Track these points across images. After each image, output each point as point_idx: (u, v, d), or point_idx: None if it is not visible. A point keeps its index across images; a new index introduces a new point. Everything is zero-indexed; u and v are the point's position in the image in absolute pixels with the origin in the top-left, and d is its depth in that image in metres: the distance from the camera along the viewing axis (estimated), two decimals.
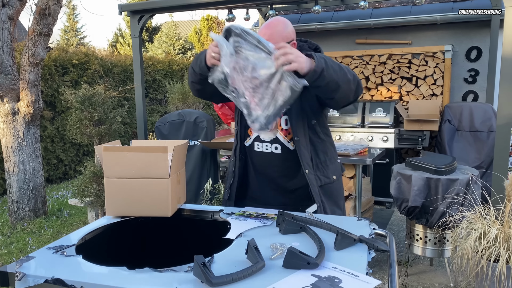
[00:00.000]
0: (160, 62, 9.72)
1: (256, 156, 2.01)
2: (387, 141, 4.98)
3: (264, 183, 2.04)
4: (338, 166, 2.07)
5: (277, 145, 1.96)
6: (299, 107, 1.90)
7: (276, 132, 1.95)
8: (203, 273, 1.08)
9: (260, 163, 2.02)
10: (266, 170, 2.01)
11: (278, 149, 1.96)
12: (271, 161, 1.99)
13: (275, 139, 1.96)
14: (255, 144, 2.00)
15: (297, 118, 1.91)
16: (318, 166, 1.95)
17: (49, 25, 4.56)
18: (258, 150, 2.00)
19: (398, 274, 1.25)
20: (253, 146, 2.01)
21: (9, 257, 3.90)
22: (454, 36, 5.48)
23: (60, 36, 22.32)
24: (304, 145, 1.91)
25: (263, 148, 1.99)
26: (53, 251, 1.33)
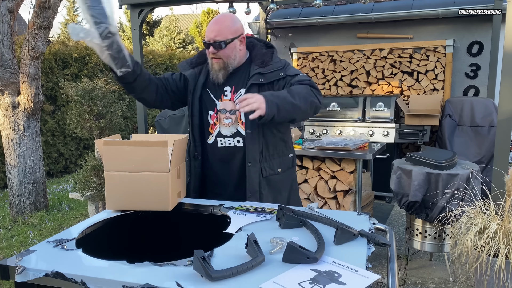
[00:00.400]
0: (160, 56, 9.70)
1: (220, 152, 2.05)
2: (387, 136, 4.98)
3: (227, 177, 2.07)
4: (287, 160, 2.13)
5: (239, 138, 2.02)
6: None
7: (236, 126, 2.01)
8: (203, 267, 1.08)
9: (224, 158, 2.06)
10: (229, 164, 2.05)
11: (240, 142, 2.02)
12: (232, 155, 2.04)
13: (236, 133, 2.02)
14: (218, 140, 2.04)
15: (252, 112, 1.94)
16: (266, 158, 2.02)
17: (49, 19, 4.54)
18: (222, 146, 2.04)
19: (397, 268, 1.26)
20: (216, 143, 2.05)
21: (10, 250, 3.92)
22: (456, 30, 5.46)
23: (60, 30, 22.24)
24: (254, 139, 1.97)
25: (226, 143, 2.03)
26: (53, 245, 1.34)
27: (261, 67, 1.99)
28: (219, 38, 1.91)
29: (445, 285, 3.11)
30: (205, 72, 2.08)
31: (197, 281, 1.08)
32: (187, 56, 11.11)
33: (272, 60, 2.02)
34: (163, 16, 22.21)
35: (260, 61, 2.01)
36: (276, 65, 2.01)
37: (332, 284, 1.07)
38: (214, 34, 1.92)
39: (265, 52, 2.04)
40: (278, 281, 1.09)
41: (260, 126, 1.97)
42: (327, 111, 5.32)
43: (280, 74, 1.99)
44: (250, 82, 1.98)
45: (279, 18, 6.18)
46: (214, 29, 1.92)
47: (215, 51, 1.93)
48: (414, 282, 3.16)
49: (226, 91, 2.04)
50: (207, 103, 2.06)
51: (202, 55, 2.13)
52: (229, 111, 2.02)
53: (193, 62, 2.13)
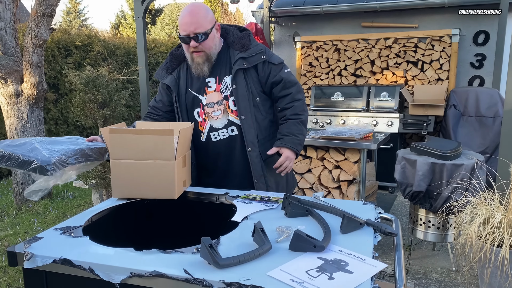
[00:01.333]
0: (163, 45, 9.65)
1: (216, 146, 2.03)
2: (391, 126, 4.96)
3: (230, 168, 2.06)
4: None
5: (233, 127, 2.00)
6: (244, 87, 1.96)
7: (227, 116, 1.99)
8: (210, 255, 1.08)
9: (222, 151, 2.03)
10: (224, 157, 2.04)
11: (234, 131, 2.00)
12: (229, 145, 2.02)
13: (229, 122, 2.00)
14: (211, 135, 2.02)
15: (243, 98, 1.96)
16: (262, 142, 2.03)
17: (52, 6, 4.51)
18: (216, 139, 2.02)
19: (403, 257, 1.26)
20: (210, 139, 2.02)
21: (15, 237, 3.94)
22: (462, 19, 5.40)
23: (62, 18, 22.14)
24: (249, 124, 1.97)
25: (220, 136, 2.01)
26: (60, 232, 1.34)
27: (242, 51, 1.97)
28: (200, 30, 1.87)
29: (448, 274, 3.12)
30: (184, 73, 2.06)
31: (205, 269, 1.09)
32: None
33: (251, 42, 2.00)
34: (165, 5, 22.07)
35: (240, 45, 1.98)
36: (256, 48, 1.99)
37: (339, 273, 1.07)
38: (194, 27, 1.86)
39: (241, 36, 2.01)
40: (286, 269, 1.09)
41: (251, 110, 1.98)
42: (331, 100, 5.30)
43: (262, 57, 1.97)
44: (235, 67, 1.95)
45: (283, 6, 6.12)
46: (192, 21, 1.86)
47: (196, 45, 1.88)
48: (417, 271, 3.17)
49: (209, 82, 2.01)
50: (192, 102, 2.04)
51: (174, 57, 2.09)
52: (216, 102, 1.99)
53: (168, 67, 2.09)
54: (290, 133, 1.97)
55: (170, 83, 2.05)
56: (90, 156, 1.75)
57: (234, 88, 1.96)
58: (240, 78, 1.97)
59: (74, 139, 1.87)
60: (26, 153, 1.61)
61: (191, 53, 1.93)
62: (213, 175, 2.10)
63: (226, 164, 2.06)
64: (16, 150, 1.62)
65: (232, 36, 2.02)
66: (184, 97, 2.05)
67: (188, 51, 1.94)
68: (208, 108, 2.01)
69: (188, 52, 1.95)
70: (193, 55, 1.94)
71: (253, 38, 2.03)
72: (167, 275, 1.06)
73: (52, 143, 1.72)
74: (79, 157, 1.69)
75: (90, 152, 1.76)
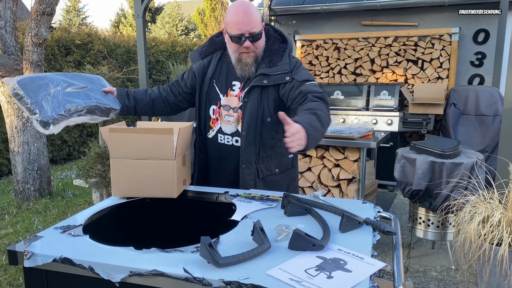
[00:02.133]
0: (163, 43, 9.65)
1: (218, 148, 2.00)
2: (391, 125, 4.96)
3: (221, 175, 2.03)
4: (286, 161, 2.03)
5: (237, 137, 1.94)
6: (256, 104, 1.87)
7: (237, 125, 1.93)
8: (210, 254, 1.09)
9: (220, 154, 2.00)
10: (226, 162, 2.00)
11: (239, 142, 1.94)
12: (230, 153, 1.97)
13: (236, 132, 1.94)
14: (218, 136, 1.99)
15: (251, 115, 1.88)
16: (263, 159, 1.94)
17: (52, 5, 4.51)
18: (221, 142, 1.99)
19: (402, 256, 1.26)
20: (216, 138, 2.00)
21: (15, 236, 3.95)
22: (462, 18, 5.40)
23: (62, 16, 22.12)
24: (250, 141, 1.89)
25: (225, 141, 1.98)
26: (60, 231, 1.35)
27: (267, 67, 1.86)
28: (255, 29, 1.79)
29: (447, 273, 3.13)
30: (215, 62, 1.99)
31: (204, 267, 1.09)
32: (189, 43, 11.05)
33: (281, 60, 1.87)
34: (165, 3, 22.05)
35: (268, 60, 1.87)
36: (283, 67, 1.85)
37: (338, 271, 1.08)
38: (250, 26, 1.77)
39: (276, 49, 1.90)
40: (285, 268, 1.09)
41: (257, 129, 1.89)
42: (331, 99, 5.30)
43: (286, 78, 1.84)
44: (252, 83, 1.86)
45: (283, 5, 6.12)
46: (249, 20, 1.77)
47: (250, 45, 1.80)
48: (417, 270, 3.18)
49: (234, 85, 1.94)
50: (212, 96, 1.98)
51: (212, 43, 2.01)
52: (232, 108, 1.93)
53: (203, 52, 2.02)
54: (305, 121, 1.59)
55: (196, 70, 1.99)
56: (96, 114, 1.81)
57: (245, 102, 1.89)
58: (254, 95, 1.88)
59: (94, 83, 1.94)
60: (35, 99, 1.68)
61: (241, 53, 1.83)
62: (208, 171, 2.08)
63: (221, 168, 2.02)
64: (29, 93, 1.69)
65: (269, 45, 1.91)
66: (207, 87, 1.98)
67: (238, 51, 1.84)
68: (224, 110, 1.95)
69: (237, 52, 1.84)
70: (242, 56, 1.84)
71: (287, 54, 1.90)
72: (166, 274, 1.07)
73: (67, 95, 1.78)
74: (84, 114, 1.77)
75: (98, 111, 1.82)
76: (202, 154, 2.06)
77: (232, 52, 1.88)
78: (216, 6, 18.00)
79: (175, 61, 9.18)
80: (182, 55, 10.13)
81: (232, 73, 1.95)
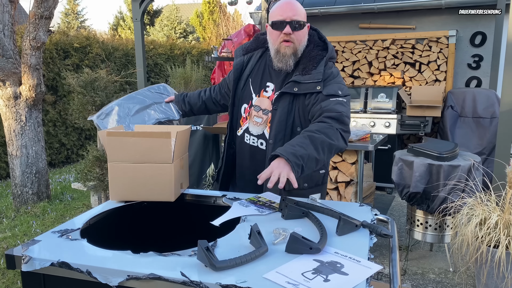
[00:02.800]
0: (161, 46, 9.66)
1: (244, 147, 1.98)
2: (389, 127, 4.98)
3: (245, 175, 2.01)
4: (316, 176, 1.92)
5: (263, 141, 1.91)
6: (286, 113, 1.82)
7: (264, 128, 1.90)
8: (207, 257, 1.09)
9: (245, 154, 1.98)
10: (249, 162, 1.97)
11: (263, 145, 1.90)
12: (254, 155, 1.94)
13: (262, 135, 1.90)
14: (245, 135, 1.97)
15: (280, 123, 1.82)
16: None
17: (50, 8, 4.52)
18: (247, 142, 1.96)
19: (398, 258, 1.27)
20: (243, 137, 1.98)
21: (13, 239, 3.95)
22: (459, 21, 5.43)
23: (61, 19, 22.13)
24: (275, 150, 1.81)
25: (251, 141, 1.95)
26: (58, 235, 1.35)
27: (299, 74, 1.79)
28: (298, 18, 1.75)
29: (445, 275, 3.14)
30: (254, 60, 1.95)
31: (201, 271, 1.10)
32: (188, 46, 11.06)
33: (316, 68, 1.79)
34: (164, 6, 22.07)
35: (302, 67, 1.81)
36: (316, 76, 1.77)
37: (335, 274, 1.08)
38: (293, 13, 1.74)
39: (313, 56, 1.83)
40: (282, 271, 1.10)
41: (286, 138, 1.81)
42: None
43: (317, 88, 1.77)
44: (282, 90, 1.81)
45: None
46: (292, 8, 1.74)
47: (290, 32, 1.75)
48: (415, 272, 3.19)
49: (268, 87, 1.90)
50: (246, 94, 1.95)
51: (256, 40, 1.98)
52: (262, 109, 1.88)
53: (245, 48, 1.98)
54: (290, 143, 1.58)
55: (235, 66, 1.95)
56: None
57: (275, 109, 1.82)
58: (284, 102, 1.82)
59: (159, 95, 2.14)
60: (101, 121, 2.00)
61: (280, 42, 1.78)
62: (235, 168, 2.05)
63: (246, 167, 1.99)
64: (106, 126, 1.99)
65: (308, 51, 1.85)
66: (243, 84, 1.95)
67: (278, 39, 1.78)
68: (254, 110, 1.91)
69: (277, 42, 1.79)
70: (282, 45, 1.78)
71: (323, 63, 1.81)
72: (164, 277, 1.07)
73: (134, 120, 2.02)
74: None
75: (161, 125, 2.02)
76: (231, 150, 2.04)
77: (272, 43, 1.83)
78: (214, 9, 18.04)
79: (174, 64, 9.19)
80: (180, 58, 10.14)
81: (267, 73, 1.91)
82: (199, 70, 7.19)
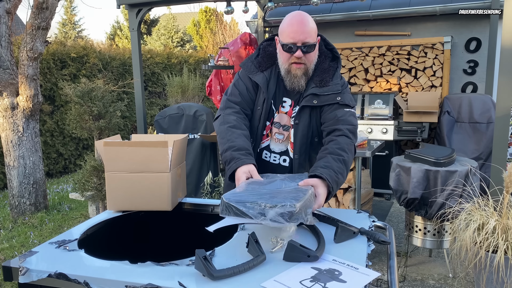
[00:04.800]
0: (158, 55, 9.69)
1: (262, 165, 1.88)
2: (386, 133, 4.99)
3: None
4: None
5: (286, 157, 1.89)
6: (307, 125, 1.83)
7: (287, 144, 1.88)
8: (205, 267, 1.09)
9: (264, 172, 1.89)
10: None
11: (286, 161, 1.89)
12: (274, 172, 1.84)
13: (285, 151, 1.88)
14: (263, 153, 1.91)
15: (303, 137, 1.83)
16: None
17: (47, 19, 4.54)
18: (265, 159, 1.91)
19: (397, 265, 1.27)
20: (260, 155, 1.92)
21: (11, 251, 3.92)
22: (454, 27, 5.47)
23: (58, 29, 22.21)
24: (301, 163, 1.84)
25: (271, 159, 1.90)
26: (55, 246, 1.35)
27: (317, 86, 1.80)
28: (310, 40, 1.73)
29: (445, 281, 3.13)
30: (275, 77, 1.87)
31: (199, 280, 1.10)
32: (185, 54, 11.09)
33: (332, 79, 1.81)
34: (161, 15, 22.18)
35: (319, 79, 1.81)
36: (335, 88, 1.80)
37: (333, 282, 1.08)
38: (304, 36, 1.71)
39: (327, 68, 1.84)
40: (280, 279, 1.10)
41: (307, 150, 1.83)
42: None
43: (337, 99, 1.79)
44: (302, 103, 1.80)
45: (277, 16, 6.17)
46: (303, 30, 1.71)
47: (301, 55, 1.73)
48: (414, 278, 3.18)
49: (285, 102, 1.87)
50: (269, 112, 1.88)
51: (268, 55, 1.89)
52: (282, 125, 1.86)
53: (261, 64, 1.88)
54: (329, 167, 1.60)
55: (260, 81, 1.84)
56: None
57: (297, 123, 1.82)
58: (305, 115, 1.82)
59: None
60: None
61: (291, 64, 1.77)
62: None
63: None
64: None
65: (319, 62, 1.84)
66: (268, 102, 1.86)
67: (288, 61, 1.77)
68: (275, 127, 1.87)
69: (287, 63, 1.77)
70: (292, 66, 1.77)
71: (338, 74, 1.84)
72: (161, 287, 1.07)
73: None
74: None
75: None
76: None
77: (282, 62, 1.80)
78: (211, 18, 18.13)
79: (171, 73, 9.21)
80: (177, 66, 10.17)
81: (282, 88, 1.87)
82: (196, 78, 7.22)
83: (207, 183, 4.17)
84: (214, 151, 4.69)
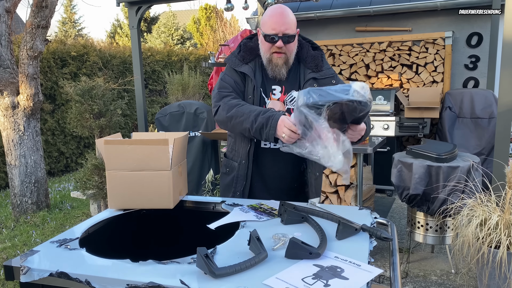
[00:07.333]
0: (159, 53, 9.68)
1: (263, 154, 1.95)
2: (388, 129, 4.97)
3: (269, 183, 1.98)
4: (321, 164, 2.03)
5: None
6: None
7: None
8: (206, 265, 1.09)
9: (269, 161, 1.96)
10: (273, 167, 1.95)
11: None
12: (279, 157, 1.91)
13: None
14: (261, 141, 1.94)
15: None
16: (312, 163, 1.95)
17: (47, 18, 4.53)
18: (265, 146, 1.95)
19: (399, 261, 1.26)
20: (259, 143, 1.95)
21: (13, 250, 3.93)
22: (455, 22, 5.44)
23: (58, 28, 22.18)
24: None
25: (271, 144, 1.93)
26: (57, 245, 1.34)
27: (314, 71, 1.93)
28: (289, 31, 1.83)
29: (447, 277, 3.12)
30: (259, 68, 1.97)
31: (201, 278, 1.09)
32: (185, 52, 11.08)
33: (323, 65, 1.96)
34: (161, 13, 22.15)
35: (313, 65, 1.94)
36: (329, 71, 1.95)
37: (335, 279, 1.08)
38: (285, 27, 1.82)
39: (314, 55, 1.97)
40: (281, 277, 1.09)
41: None
42: None
43: (332, 82, 1.91)
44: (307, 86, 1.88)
45: None
46: (284, 22, 1.82)
47: (282, 45, 1.84)
48: (416, 274, 3.17)
49: (274, 89, 1.95)
50: (259, 99, 1.95)
51: (250, 49, 1.99)
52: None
53: (244, 57, 1.98)
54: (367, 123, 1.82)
55: (248, 72, 1.93)
56: None
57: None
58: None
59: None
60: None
61: (272, 53, 1.88)
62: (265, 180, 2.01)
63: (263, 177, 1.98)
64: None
65: (305, 52, 1.97)
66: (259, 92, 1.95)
67: (269, 51, 1.88)
68: None
69: (268, 52, 1.89)
70: (273, 56, 1.88)
71: (325, 60, 2.00)
72: (163, 285, 1.07)
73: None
74: None
75: None
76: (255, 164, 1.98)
77: (264, 52, 1.91)
78: (211, 15, 18.10)
79: (171, 71, 9.20)
80: (178, 64, 10.16)
81: (269, 78, 1.96)
82: (196, 76, 7.20)
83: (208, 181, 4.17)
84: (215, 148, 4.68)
